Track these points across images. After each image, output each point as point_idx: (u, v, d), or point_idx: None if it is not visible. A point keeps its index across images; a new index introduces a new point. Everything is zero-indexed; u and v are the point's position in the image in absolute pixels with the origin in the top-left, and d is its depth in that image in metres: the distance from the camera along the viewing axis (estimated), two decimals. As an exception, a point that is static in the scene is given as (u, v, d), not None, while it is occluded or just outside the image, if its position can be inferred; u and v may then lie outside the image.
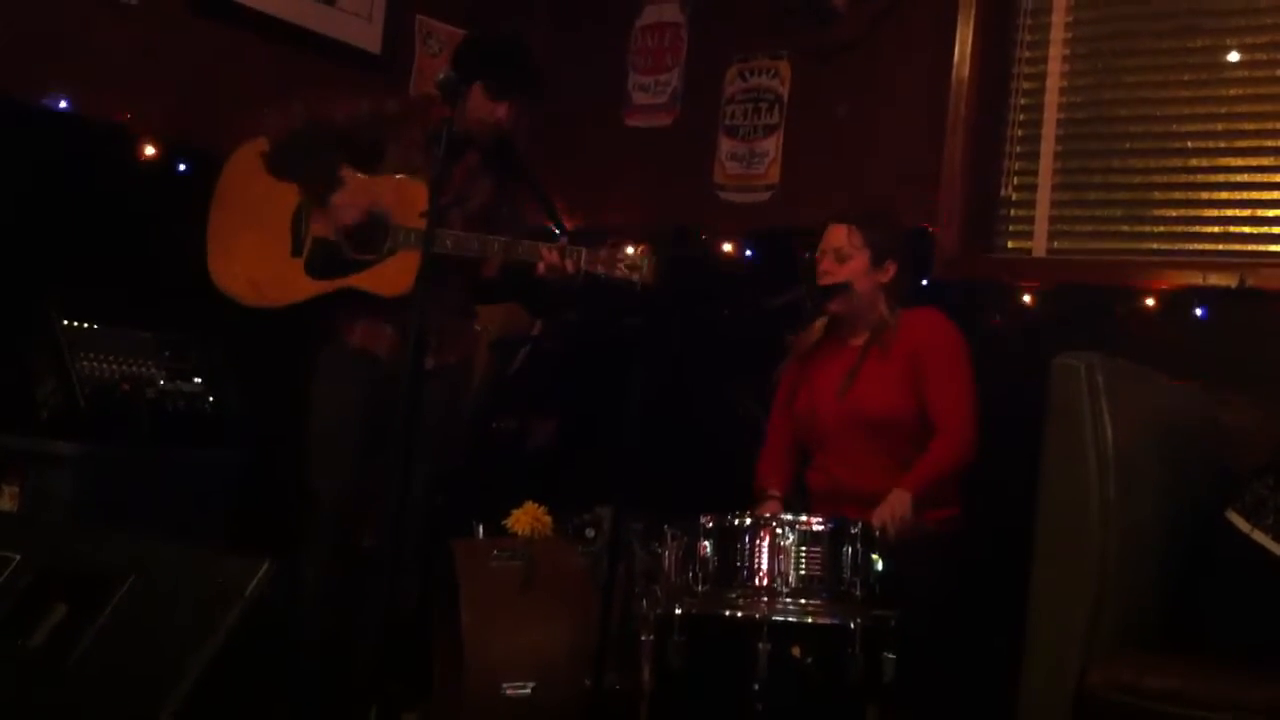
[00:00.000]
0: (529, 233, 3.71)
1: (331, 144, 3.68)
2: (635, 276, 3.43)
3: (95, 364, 3.79)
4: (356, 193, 3.63)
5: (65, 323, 3.81)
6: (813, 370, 3.74)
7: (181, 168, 4.21)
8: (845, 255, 3.65)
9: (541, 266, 3.52)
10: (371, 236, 3.63)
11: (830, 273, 3.66)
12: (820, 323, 3.77)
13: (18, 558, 3.04)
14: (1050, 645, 2.97)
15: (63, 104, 4.01)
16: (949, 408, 3.51)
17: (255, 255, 3.73)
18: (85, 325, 3.85)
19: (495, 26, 4.22)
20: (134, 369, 3.86)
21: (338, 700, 3.56)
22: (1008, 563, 3.16)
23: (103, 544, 3.04)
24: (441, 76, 3.46)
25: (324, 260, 3.68)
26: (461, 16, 5.02)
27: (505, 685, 3.45)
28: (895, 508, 3.29)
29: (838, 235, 3.67)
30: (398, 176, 3.66)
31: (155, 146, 4.17)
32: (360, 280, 3.64)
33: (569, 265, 3.49)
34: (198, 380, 3.92)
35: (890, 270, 3.66)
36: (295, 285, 3.69)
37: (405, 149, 3.71)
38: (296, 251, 3.71)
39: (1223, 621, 2.99)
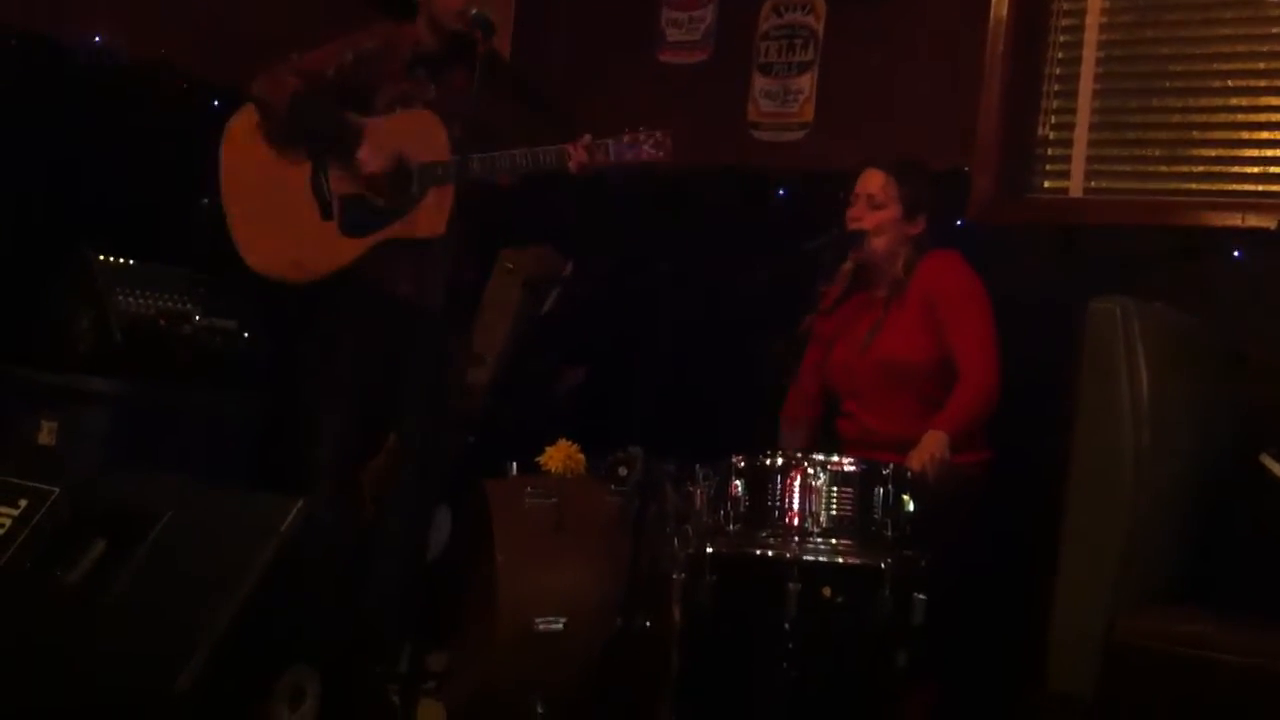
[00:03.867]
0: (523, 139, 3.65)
1: (333, 99, 3.64)
2: (661, 154, 3.51)
3: (132, 300, 3.81)
4: (378, 140, 3.60)
5: (101, 259, 3.82)
6: (843, 321, 3.73)
7: (215, 104, 4.20)
8: (879, 203, 3.63)
9: (573, 165, 3.52)
10: (399, 181, 3.61)
11: (860, 219, 3.64)
12: (847, 268, 3.75)
13: (57, 492, 3.09)
14: (1081, 590, 2.97)
15: (96, 40, 4.01)
16: (969, 350, 3.49)
17: (286, 232, 3.67)
18: (121, 261, 3.86)
19: None
20: (170, 305, 3.87)
21: (368, 639, 3.60)
22: (1039, 507, 3.16)
23: (141, 481, 3.09)
24: (474, 12, 3.45)
25: (357, 216, 3.64)
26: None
27: (537, 620, 3.48)
28: (932, 449, 3.29)
29: (874, 181, 3.65)
30: (398, 113, 3.63)
31: (189, 82, 4.17)
32: (399, 229, 3.61)
33: (599, 158, 3.51)
34: (233, 317, 3.93)
35: (920, 224, 3.65)
36: (335, 251, 3.64)
37: (394, 83, 3.68)
38: (326, 215, 3.66)
39: (1254, 566, 2.99)
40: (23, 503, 3.11)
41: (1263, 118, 4.10)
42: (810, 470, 3.04)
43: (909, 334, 3.57)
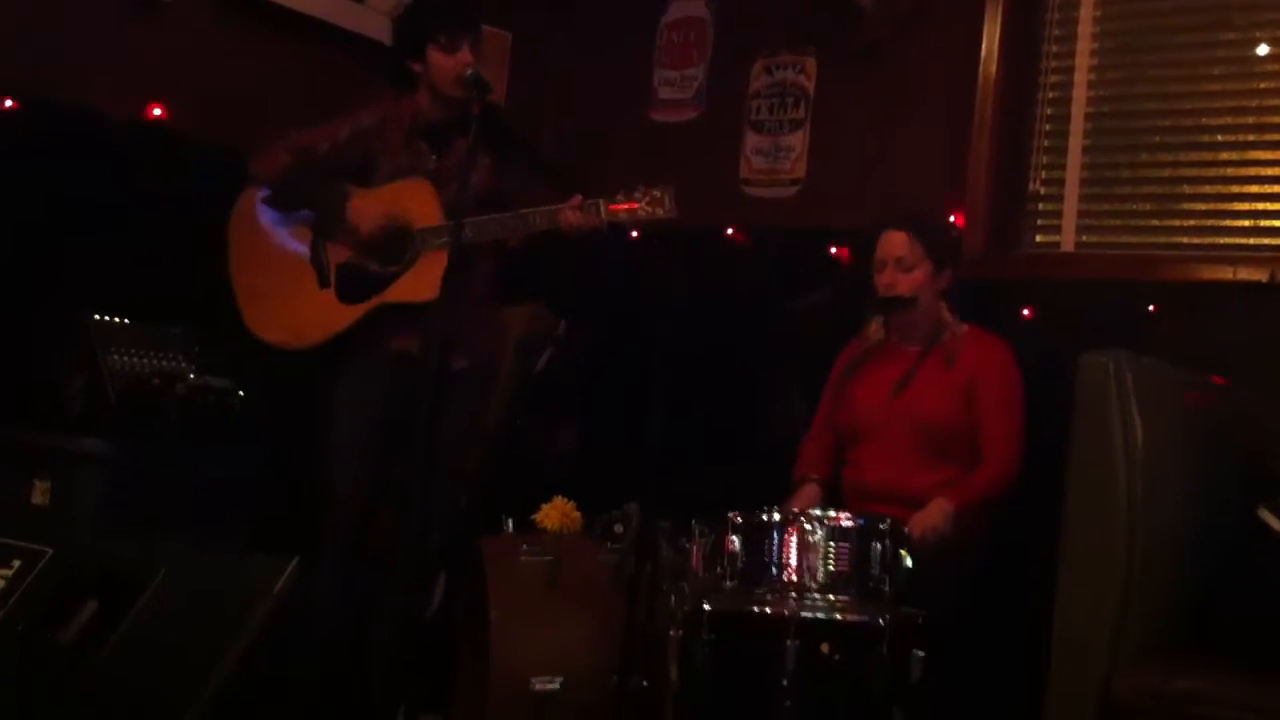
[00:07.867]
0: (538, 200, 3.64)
1: (322, 173, 3.69)
2: (660, 212, 3.48)
3: (126, 359, 3.81)
4: (368, 203, 3.64)
5: (96, 318, 3.82)
6: (864, 369, 3.73)
7: (213, 165, 4.21)
8: (909, 265, 3.61)
9: (564, 227, 3.53)
10: (394, 247, 3.63)
11: (894, 284, 3.62)
12: (876, 324, 3.75)
13: (50, 552, 3.07)
14: (1077, 647, 2.95)
15: (95, 104, 4.02)
16: (998, 441, 3.52)
17: (286, 300, 3.72)
18: (116, 320, 3.86)
19: None
20: (164, 364, 3.87)
21: (360, 700, 3.58)
22: (1035, 562, 3.15)
23: (133, 541, 3.07)
24: (470, 73, 3.48)
25: (353, 284, 3.67)
26: (488, 14, 5.02)
27: (533, 680, 3.45)
28: (935, 518, 3.30)
29: (899, 243, 3.63)
30: (398, 182, 3.67)
31: (186, 144, 4.19)
32: (394, 294, 3.63)
33: (590, 220, 3.51)
34: (227, 376, 3.93)
35: (948, 276, 3.65)
36: (332, 317, 3.67)
37: (393, 155, 3.71)
38: (324, 283, 3.70)
39: (1253, 622, 2.98)
40: (16, 563, 3.09)
41: (1252, 171, 4.12)
42: (807, 526, 3.03)
43: (945, 398, 3.57)
